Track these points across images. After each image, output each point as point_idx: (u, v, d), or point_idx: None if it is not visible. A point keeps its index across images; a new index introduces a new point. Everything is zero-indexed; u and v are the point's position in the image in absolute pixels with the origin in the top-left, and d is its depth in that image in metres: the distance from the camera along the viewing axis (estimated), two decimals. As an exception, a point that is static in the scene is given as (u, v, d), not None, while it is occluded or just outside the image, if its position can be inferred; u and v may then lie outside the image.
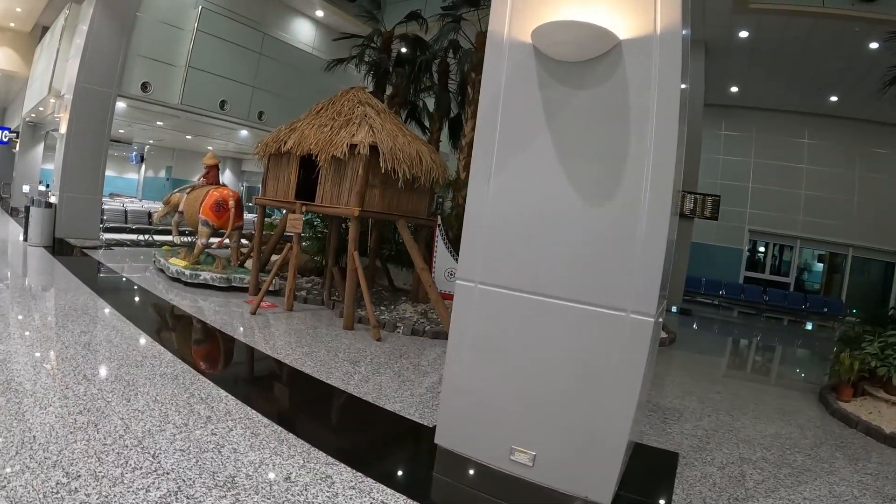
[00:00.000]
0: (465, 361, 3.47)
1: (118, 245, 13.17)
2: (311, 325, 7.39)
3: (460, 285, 3.47)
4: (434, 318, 8.31)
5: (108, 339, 5.40)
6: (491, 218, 3.38)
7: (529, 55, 3.27)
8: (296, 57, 16.39)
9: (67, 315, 6.09)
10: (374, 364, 5.91)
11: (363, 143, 7.29)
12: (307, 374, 5.32)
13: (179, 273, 8.93)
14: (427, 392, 5.14)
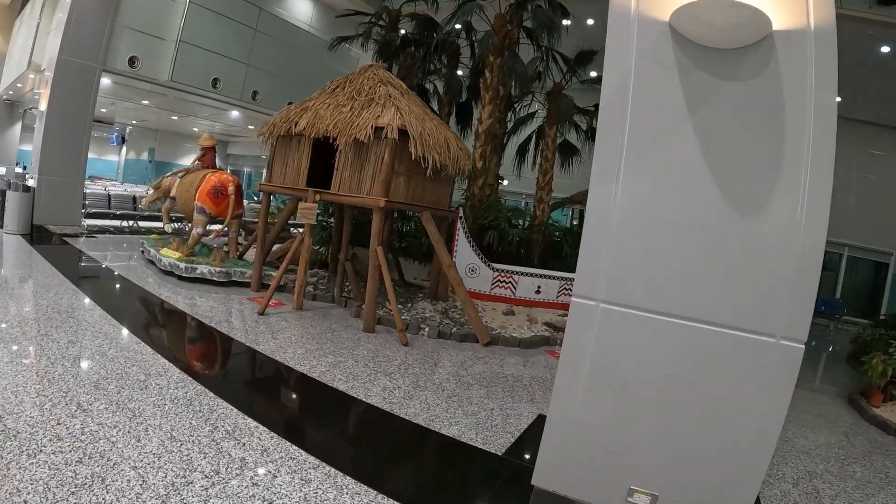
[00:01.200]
0: (578, 390, 2.99)
1: (101, 232, 12.17)
2: (327, 327, 6.62)
3: (577, 303, 2.94)
4: (456, 318, 7.64)
5: (101, 352, 4.56)
6: (619, 227, 2.88)
7: (664, 35, 2.80)
8: (292, 34, 15.44)
9: (51, 320, 5.21)
10: (410, 376, 5.23)
11: (391, 125, 6.48)
12: (340, 391, 4.60)
13: (173, 266, 8.06)
14: (479, 409, 4.59)
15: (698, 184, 2.76)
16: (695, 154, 2.77)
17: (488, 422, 4.31)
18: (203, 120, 19.32)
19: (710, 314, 2.72)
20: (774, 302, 2.62)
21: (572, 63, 10.52)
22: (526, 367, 6.15)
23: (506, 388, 5.25)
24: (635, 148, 2.84)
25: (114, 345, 4.76)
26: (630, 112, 2.85)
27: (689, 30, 2.71)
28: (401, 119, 6.57)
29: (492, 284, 8.91)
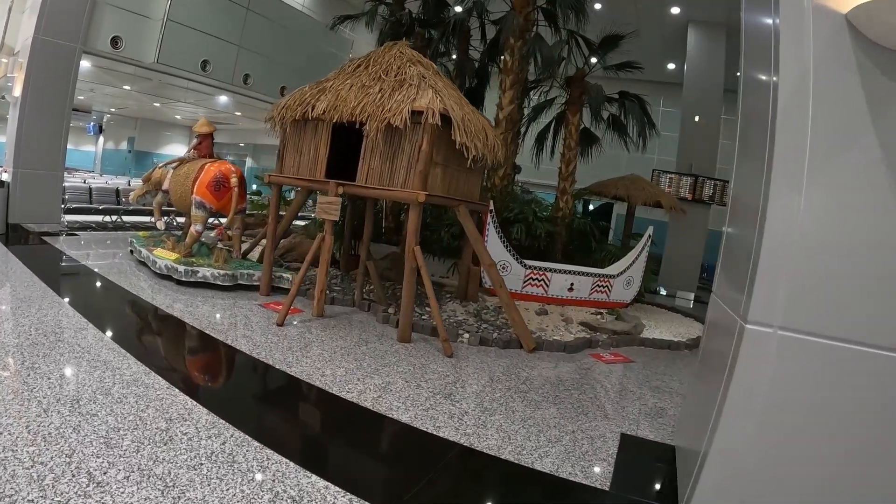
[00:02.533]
0: (750, 429, 2.63)
1: (83, 229, 11.14)
2: (358, 337, 5.84)
3: (752, 330, 2.59)
4: (490, 320, 6.97)
5: (105, 389, 3.67)
6: (802, 242, 2.55)
7: (841, 31, 2.53)
8: (286, 15, 14.46)
9: (36, 346, 4.28)
10: (471, 396, 4.62)
11: (431, 109, 5.64)
12: (404, 423, 3.87)
13: (170, 269, 7.15)
14: (559, 433, 4.08)
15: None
16: (889, 163, 2.45)
17: (576, 449, 3.82)
18: (185, 106, 18.24)
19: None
20: None
21: (596, 48, 9.77)
22: (580, 376, 5.65)
23: (573, 403, 4.77)
24: (818, 156, 2.53)
25: (118, 378, 3.89)
26: (812, 116, 2.53)
27: (868, 28, 2.44)
28: (441, 103, 5.74)
29: (523, 283, 8.16)
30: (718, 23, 14.76)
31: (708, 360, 3.61)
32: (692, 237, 14.44)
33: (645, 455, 3.99)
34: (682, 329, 8.84)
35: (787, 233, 2.56)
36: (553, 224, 9.33)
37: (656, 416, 4.70)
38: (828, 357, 2.49)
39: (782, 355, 2.55)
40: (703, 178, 14.72)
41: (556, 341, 6.57)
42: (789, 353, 2.55)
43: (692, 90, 15.03)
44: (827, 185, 2.52)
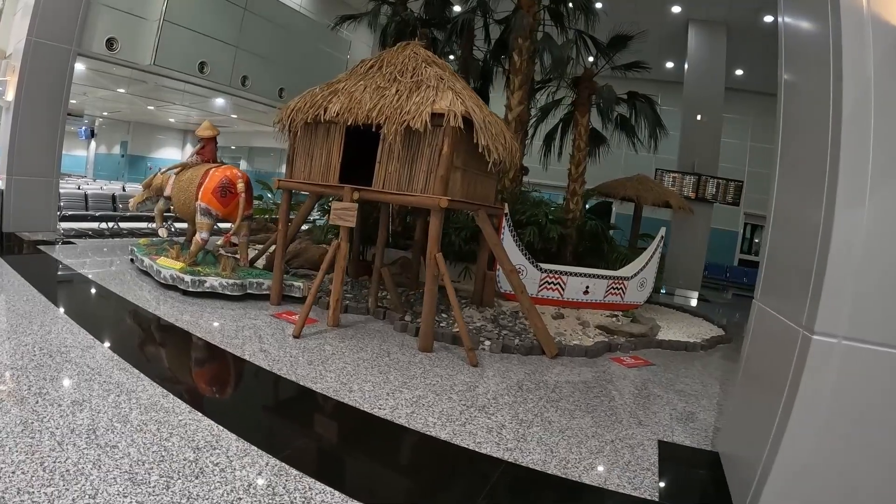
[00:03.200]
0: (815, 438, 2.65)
1: (79, 237, 10.85)
2: (378, 348, 5.64)
3: (818, 341, 2.59)
4: (508, 325, 6.83)
5: (122, 416, 3.42)
6: (866, 253, 2.54)
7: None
8: (284, 15, 14.17)
9: (42, 368, 4.01)
10: (505, 408, 4.48)
11: (453, 112, 5.43)
12: (443, 440, 3.71)
13: (175, 279, 6.88)
14: (599, 443, 4.00)
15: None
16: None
17: (619, 459, 3.75)
18: (181, 108, 17.93)
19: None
20: None
21: (605, 48, 9.61)
22: (606, 382, 5.60)
23: (605, 410, 4.72)
24: (880, 167, 2.52)
25: (134, 402, 3.64)
26: (874, 127, 2.53)
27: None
28: (463, 105, 5.54)
29: (539, 286, 7.98)
30: (718, 21, 14.74)
31: (757, 368, 3.54)
32: (695, 236, 14.36)
33: (687, 462, 3.96)
34: (694, 329, 8.76)
35: (851, 244, 2.55)
36: (564, 226, 9.15)
37: (688, 421, 4.69)
38: (892, 365, 2.50)
39: (846, 365, 2.56)
40: (706, 177, 14.66)
41: (576, 346, 6.46)
42: (854, 363, 2.55)
43: (693, 89, 14.95)
44: (889, 197, 2.53)
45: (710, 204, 14.75)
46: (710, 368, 6.72)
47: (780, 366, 2.90)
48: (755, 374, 3.58)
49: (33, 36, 9.69)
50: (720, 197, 14.97)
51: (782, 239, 3.49)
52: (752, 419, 3.34)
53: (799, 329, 2.73)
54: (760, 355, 3.54)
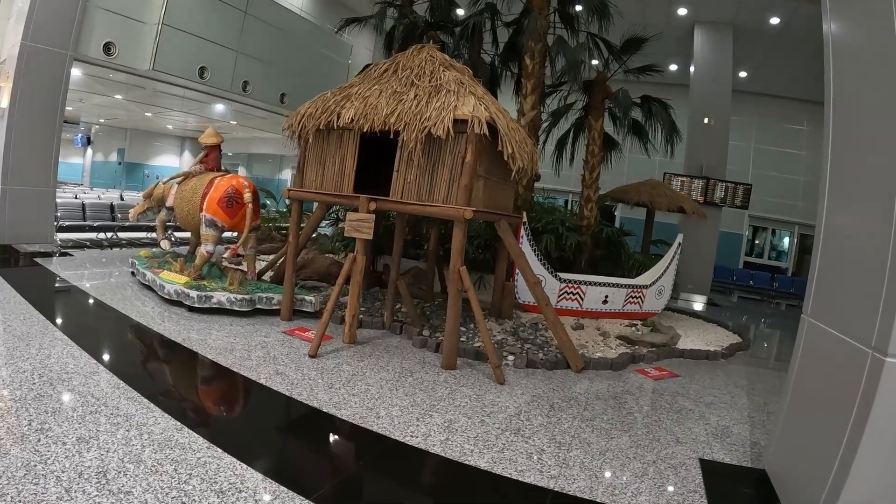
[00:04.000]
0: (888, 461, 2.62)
1: (76, 247, 10.53)
2: (400, 366, 5.37)
3: (892, 364, 2.52)
4: (529, 338, 6.59)
5: (134, 455, 3.10)
6: None
7: None
8: (285, 19, 13.89)
9: (42, 398, 3.68)
10: (540, 430, 4.28)
11: (477, 118, 5.16)
12: (485, 470, 3.50)
13: (181, 295, 6.56)
14: (643, 466, 3.85)
15: None
16: None
17: (664, 481, 3.61)
18: (179, 115, 17.63)
19: None
20: None
21: (618, 51, 9.37)
22: (636, 396, 5.45)
23: (641, 428, 4.57)
24: None
25: (146, 438, 3.33)
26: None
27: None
28: (486, 111, 5.27)
29: (558, 296, 7.72)
30: (725, 23, 14.57)
31: (814, 387, 3.47)
32: (705, 240, 14.14)
33: (733, 481, 3.85)
34: (711, 336, 8.59)
35: None
36: (579, 233, 8.89)
37: (724, 437, 4.57)
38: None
39: None
40: (714, 181, 14.48)
41: (601, 359, 6.25)
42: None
43: (700, 91, 14.80)
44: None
45: (718, 208, 14.58)
46: (734, 378, 6.57)
47: (845, 387, 2.84)
48: (811, 393, 3.47)
49: (28, 41, 9.38)
50: (729, 200, 14.81)
51: (838, 254, 3.35)
52: (811, 440, 3.28)
53: (868, 350, 2.67)
54: (816, 374, 3.44)
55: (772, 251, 21.19)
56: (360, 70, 10.33)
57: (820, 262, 3.52)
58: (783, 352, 9.34)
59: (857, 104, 3.28)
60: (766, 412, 5.34)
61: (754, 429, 4.84)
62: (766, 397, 5.86)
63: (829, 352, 3.21)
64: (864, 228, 3.06)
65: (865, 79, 3.16)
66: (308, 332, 6.08)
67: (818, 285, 3.53)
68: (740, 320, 12.42)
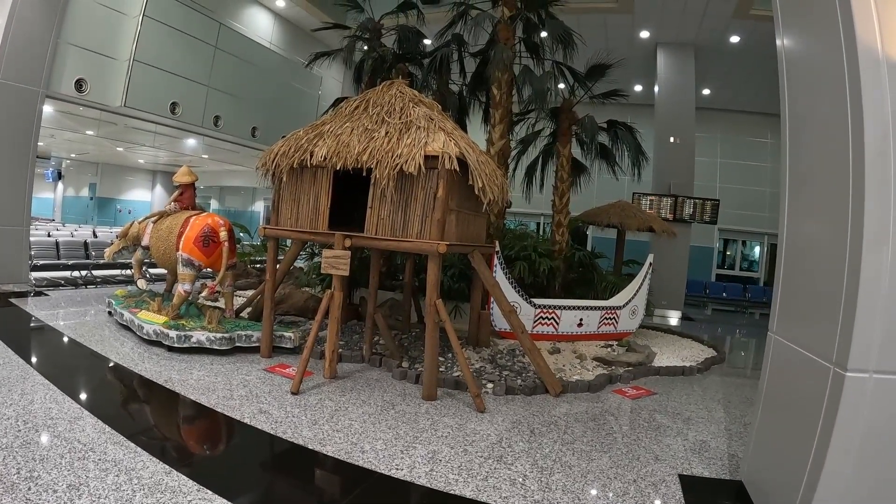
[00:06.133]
0: (853, 470, 2.79)
1: (52, 286, 10.47)
2: (382, 400, 5.44)
3: (852, 378, 2.72)
4: (506, 365, 6.72)
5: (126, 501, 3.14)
6: (891, 290, 2.66)
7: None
8: (254, 53, 14.05)
9: (29, 446, 3.71)
10: (523, 456, 4.38)
11: (448, 154, 5.32)
12: (469, 498, 3.59)
13: (160, 335, 6.57)
14: (624, 485, 3.96)
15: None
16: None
17: (645, 499, 3.73)
18: (147, 150, 17.60)
19: None
20: None
21: (583, 77, 9.63)
22: (615, 416, 5.61)
23: (620, 448, 4.69)
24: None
25: (136, 483, 3.37)
26: (893, 170, 2.65)
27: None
28: (456, 146, 5.44)
29: (534, 322, 7.87)
30: (686, 43, 15.01)
31: (782, 401, 3.58)
32: (676, 256, 14.41)
33: (711, 495, 3.98)
34: (686, 352, 8.83)
35: (878, 282, 2.65)
36: (551, 258, 9.07)
37: (702, 451, 4.70)
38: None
39: (878, 397, 2.69)
40: (682, 198, 14.81)
41: (578, 382, 6.39)
42: (885, 395, 2.69)
43: (665, 111, 15.18)
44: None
45: (688, 224, 14.91)
46: (710, 392, 6.75)
47: (811, 400, 2.99)
48: (780, 406, 3.60)
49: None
50: (697, 216, 15.14)
51: (798, 270, 3.49)
52: (782, 451, 3.40)
53: (829, 366, 2.83)
54: (784, 388, 3.58)
55: (743, 261, 21.62)
56: (331, 104, 10.51)
57: (783, 279, 3.68)
58: (758, 362, 9.51)
59: (809, 117, 3.45)
60: (742, 424, 5.51)
61: (731, 441, 5.00)
62: (742, 409, 6.03)
63: (794, 367, 3.36)
64: (820, 244, 3.21)
65: (816, 92, 3.32)
66: (289, 369, 6.13)
67: (782, 302, 3.69)
68: (715, 333, 12.69)
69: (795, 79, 3.63)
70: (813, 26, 3.37)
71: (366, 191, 5.87)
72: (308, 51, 12.66)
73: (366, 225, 5.83)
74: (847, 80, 2.80)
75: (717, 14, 13.27)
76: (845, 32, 2.81)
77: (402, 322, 7.92)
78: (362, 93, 7.43)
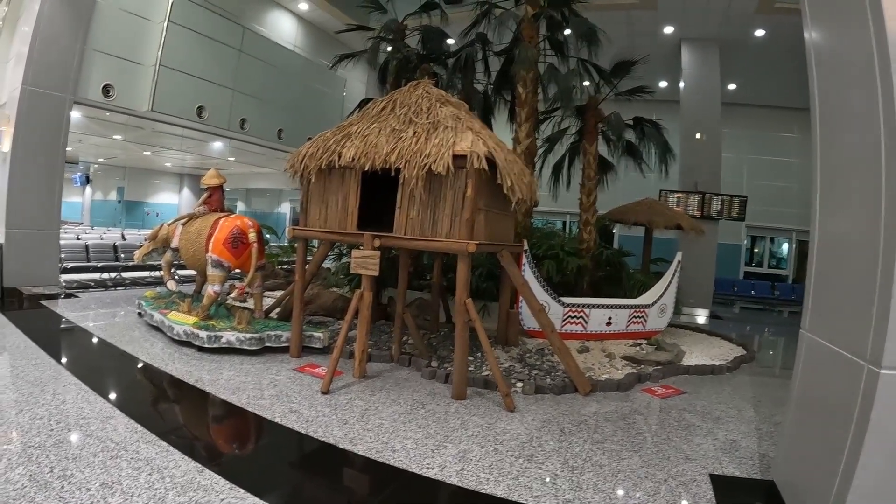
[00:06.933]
0: (888, 468, 2.74)
1: (82, 288, 10.63)
2: (411, 399, 5.45)
3: (886, 375, 2.65)
4: (535, 364, 6.67)
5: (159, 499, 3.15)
6: None
7: None
8: (279, 56, 14.14)
9: (61, 444, 3.78)
10: (553, 456, 4.34)
11: (476, 154, 5.29)
12: (500, 497, 3.58)
13: (190, 335, 6.65)
14: (656, 485, 3.91)
15: None
16: None
17: (675, 498, 3.68)
18: (174, 153, 17.82)
19: None
20: None
21: (608, 75, 9.54)
22: (644, 415, 5.54)
23: (650, 447, 4.63)
24: None
25: (168, 481, 3.40)
26: None
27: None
28: (484, 145, 5.41)
29: (562, 321, 7.81)
30: (711, 38, 14.80)
31: (815, 400, 3.54)
32: (704, 254, 14.21)
33: (743, 494, 3.94)
34: (715, 350, 8.68)
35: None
36: (579, 256, 9.00)
37: (732, 451, 4.63)
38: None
39: None
40: (710, 195, 14.61)
41: (608, 381, 6.33)
42: None
43: (690, 107, 14.98)
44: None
45: (715, 221, 14.70)
46: (740, 391, 6.64)
47: (844, 398, 2.94)
48: (813, 404, 3.56)
49: (28, 85, 9.56)
50: (725, 213, 14.92)
51: (831, 266, 3.44)
52: (815, 450, 3.37)
53: (863, 363, 2.78)
54: (817, 386, 3.52)
55: (771, 259, 21.26)
56: (357, 105, 10.54)
57: (815, 276, 3.61)
58: (787, 361, 9.30)
59: (840, 111, 3.37)
60: (772, 423, 5.41)
61: (762, 441, 4.92)
62: (772, 408, 5.93)
63: (827, 365, 3.30)
64: (853, 240, 3.14)
65: (846, 85, 3.26)
66: (318, 369, 6.15)
67: (814, 299, 3.62)
68: (744, 331, 12.50)
69: (825, 72, 3.56)
70: (841, 19, 3.30)
71: (393, 191, 5.87)
72: (331, 53, 12.75)
73: (395, 225, 5.82)
74: (878, 72, 2.74)
75: (742, 8, 13.05)
76: (875, 24, 2.74)
77: (431, 322, 7.91)
78: (388, 94, 7.41)
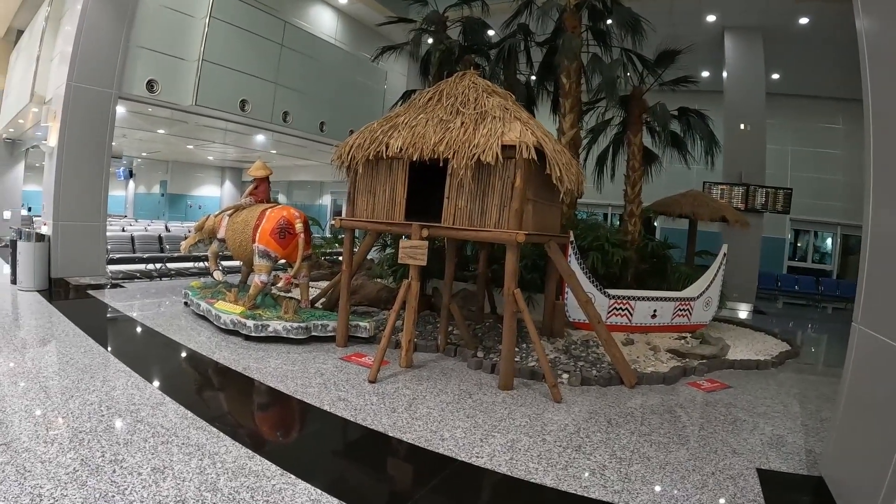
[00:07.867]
0: None
1: (127, 279, 10.87)
2: (458, 388, 5.45)
3: None
4: (580, 355, 6.62)
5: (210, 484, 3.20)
6: None
7: None
8: (319, 49, 14.23)
9: (112, 429, 3.86)
10: (600, 447, 4.33)
11: (525, 144, 5.25)
12: (550, 487, 3.60)
13: (237, 324, 6.75)
14: (704, 478, 3.89)
15: None
16: None
17: (724, 492, 3.66)
18: (216, 147, 18.08)
19: None
20: None
21: (652, 65, 9.38)
22: (690, 409, 5.47)
23: (697, 441, 4.61)
24: None
25: (220, 466, 3.45)
26: None
27: None
28: (533, 136, 5.36)
29: (608, 313, 7.73)
30: (754, 26, 14.45)
31: (868, 395, 3.48)
32: (748, 248, 13.92)
33: (790, 489, 3.89)
34: (760, 346, 8.50)
35: None
36: (624, 248, 8.89)
37: (779, 446, 4.58)
38: None
39: None
40: (754, 187, 14.31)
41: (654, 374, 6.26)
42: None
43: (734, 97, 14.67)
44: None
45: (759, 214, 14.39)
46: (786, 387, 6.51)
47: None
48: (864, 399, 3.50)
49: (73, 81, 9.76)
50: (770, 206, 14.60)
51: (887, 259, 3.33)
52: (866, 446, 3.32)
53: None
54: (869, 380, 3.46)
55: (815, 254, 20.71)
56: (400, 97, 10.56)
57: (868, 268, 3.52)
58: (833, 357, 9.13)
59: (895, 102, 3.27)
60: (819, 419, 5.31)
61: (808, 436, 4.84)
62: (818, 404, 5.81)
63: (880, 358, 3.22)
64: None
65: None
66: (365, 358, 6.19)
67: (867, 292, 3.53)
68: (788, 327, 12.23)
69: (878, 62, 3.44)
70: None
71: (439, 182, 5.85)
72: (372, 46, 12.80)
73: (443, 215, 5.81)
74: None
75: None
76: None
77: (476, 312, 7.90)
78: (430, 85, 7.40)
